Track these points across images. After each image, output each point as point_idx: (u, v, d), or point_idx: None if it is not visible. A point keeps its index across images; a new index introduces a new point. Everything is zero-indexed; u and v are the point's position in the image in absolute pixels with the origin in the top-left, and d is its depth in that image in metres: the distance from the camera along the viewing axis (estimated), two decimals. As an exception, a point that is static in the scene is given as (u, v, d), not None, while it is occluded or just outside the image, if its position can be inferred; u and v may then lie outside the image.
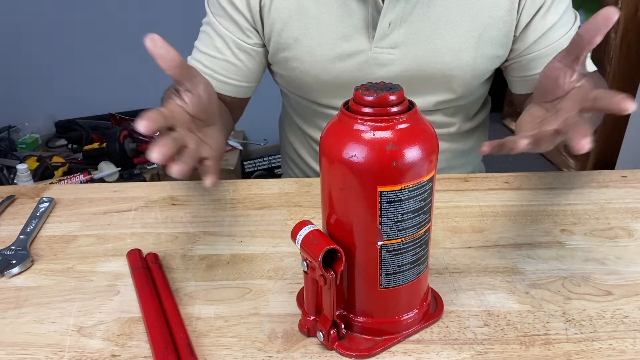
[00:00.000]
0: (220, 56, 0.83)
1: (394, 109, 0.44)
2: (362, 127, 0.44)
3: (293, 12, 0.79)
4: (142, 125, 0.45)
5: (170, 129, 0.50)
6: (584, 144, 0.44)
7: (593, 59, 1.91)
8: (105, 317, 0.55)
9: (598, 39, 0.51)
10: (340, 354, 0.49)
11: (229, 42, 0.83)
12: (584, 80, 0.55)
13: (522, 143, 0.48)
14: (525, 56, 0.82)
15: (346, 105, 0.46)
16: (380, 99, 0.43)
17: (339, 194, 0.46)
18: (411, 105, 0.46)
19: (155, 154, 0.45)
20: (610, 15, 0.49)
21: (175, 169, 0.47)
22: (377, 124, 0.43)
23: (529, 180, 0.81)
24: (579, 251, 0.64)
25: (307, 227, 0.47)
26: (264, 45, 0.84)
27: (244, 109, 0.93)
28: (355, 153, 0.43)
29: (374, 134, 0.43)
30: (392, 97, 0.44)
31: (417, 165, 0.44)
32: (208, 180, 0.52)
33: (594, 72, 0.84)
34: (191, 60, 0.86)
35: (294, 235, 0.48)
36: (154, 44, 0.49)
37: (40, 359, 0.50)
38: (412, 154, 0.43)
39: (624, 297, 0.56)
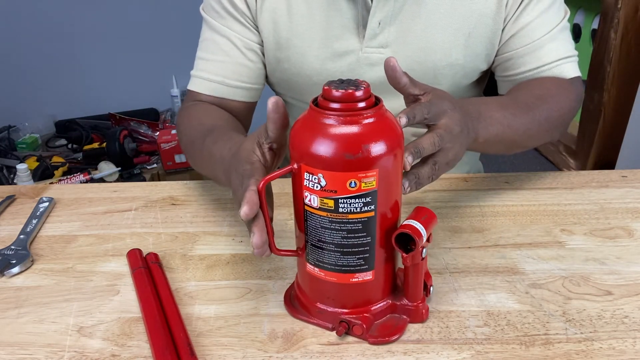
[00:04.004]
0: (229, 59, 0.81)
1: (361, 105, 0.45)
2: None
3: (283, 12, 0.79)
4: (244, 213, 0.46)
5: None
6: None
7: (593, 57, 1.91)
8: (105, 317, 0.55)
9: (401, 81, 0.55)
10: None
11: (237, 43, 0.81)
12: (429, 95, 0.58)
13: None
14: (502, 55, 0.81)
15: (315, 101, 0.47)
16: (346, 95, 0.45)
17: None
18: (377, 101, 0.47)
19: (256, 240, 0.47)
20: (391, 63, 0.54)
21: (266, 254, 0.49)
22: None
23: (529, 180, 0.81)
24: (579, 251, 0.64)
25: (410, 222, 0.48)
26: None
27: (252, 118, 0.90)
28: None
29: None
30: (359, 94, 0.45)
31: None
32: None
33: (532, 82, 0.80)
34: (197, 72, 0.83)
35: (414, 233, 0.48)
36: (277, 109, 0.49)
37: (40, 359, 0.50)
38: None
39: (624, 297, 0.56)
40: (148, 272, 0.60)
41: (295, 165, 0.47)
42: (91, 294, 0.59)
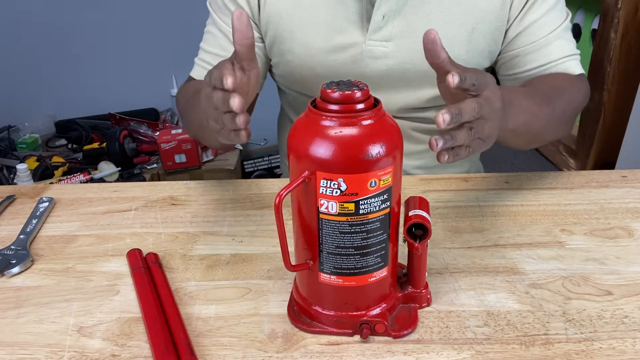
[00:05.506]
0: (225, 54, 0.83)
1: (359, 106, 0.45)
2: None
3: (288, 5, 0.80)
4: (230, 82, 0.48)
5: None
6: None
7: (593, 57, 1.91)
8: (105, 317, 0.55)
9: (440, 56, 0.50)
10: None
11: (231, 38, 0.82)
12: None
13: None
14: (508, 53, 0.82)
15: (313, 102, 0.47)
16: (345, 96, 0.44)
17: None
18: (376, 102, 0.47)
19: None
20: (431, 35, 0.49)
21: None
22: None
23: (529, 180, 0.81)
24: (579, 251, 0.64)
25: (416, 212, 0.51)
26: (263, 40, 0.85)
27: (253, 109, 0.92)
28: None
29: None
30: (358, 95, 0.45)
31: None
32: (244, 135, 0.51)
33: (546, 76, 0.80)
34: (198, 61, 0.87)
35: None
36: (240, 18, 0.50)
37: (40, 359, 0.50)
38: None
39: (624, 297, 0.56)
40: (148, 272, 0.60)
41: (306, 174, 0.45)
42: (91, 294, 0.59)
